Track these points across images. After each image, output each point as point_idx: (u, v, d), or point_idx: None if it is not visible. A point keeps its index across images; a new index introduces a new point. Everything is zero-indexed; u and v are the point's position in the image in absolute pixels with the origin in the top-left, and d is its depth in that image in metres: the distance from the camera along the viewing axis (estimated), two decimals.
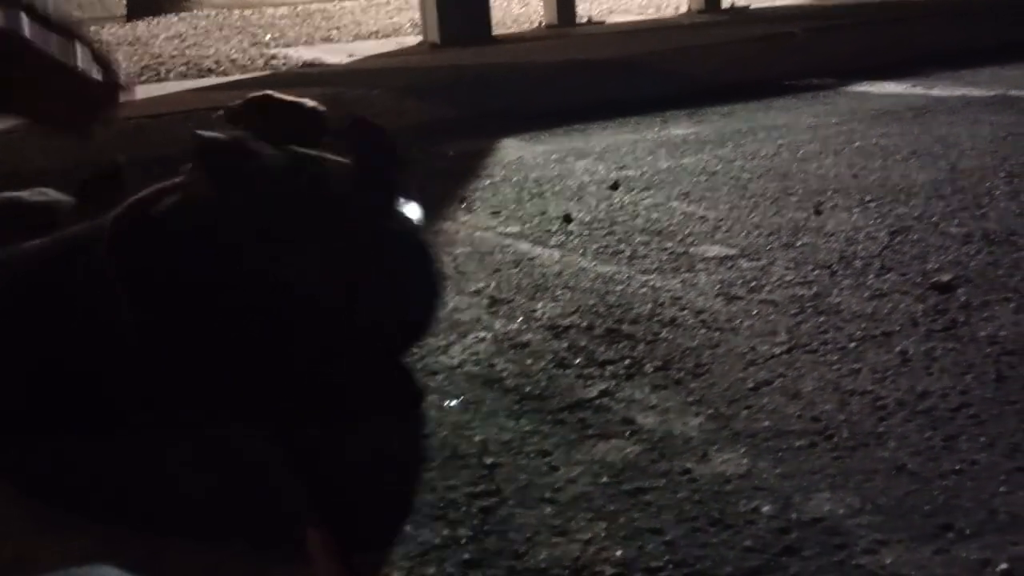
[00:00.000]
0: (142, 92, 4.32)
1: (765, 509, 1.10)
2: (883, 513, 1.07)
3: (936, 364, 1.44)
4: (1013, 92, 3.62)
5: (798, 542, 1.03)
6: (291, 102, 1.15)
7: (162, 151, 3.41)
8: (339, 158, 1.12)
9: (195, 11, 9.58)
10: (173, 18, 9.06)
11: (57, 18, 1.32)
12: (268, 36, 7.05)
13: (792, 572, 0.99)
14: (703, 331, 1.64)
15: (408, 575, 1.02)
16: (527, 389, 1.46)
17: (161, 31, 8.17)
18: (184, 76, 4.94)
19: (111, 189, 1.11)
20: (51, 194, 1.22)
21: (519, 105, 4.08)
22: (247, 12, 9.32)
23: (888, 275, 1.84)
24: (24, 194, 1.20)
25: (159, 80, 4.85)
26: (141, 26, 8.65)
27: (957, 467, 1.16)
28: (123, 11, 10.47)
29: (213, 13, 9.26)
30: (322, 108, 1.18)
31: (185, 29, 8.21)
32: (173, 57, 5.81)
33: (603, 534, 1.07)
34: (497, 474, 1.21)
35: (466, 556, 1.05)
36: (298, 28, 7.61)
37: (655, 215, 2.36)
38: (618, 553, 1.03)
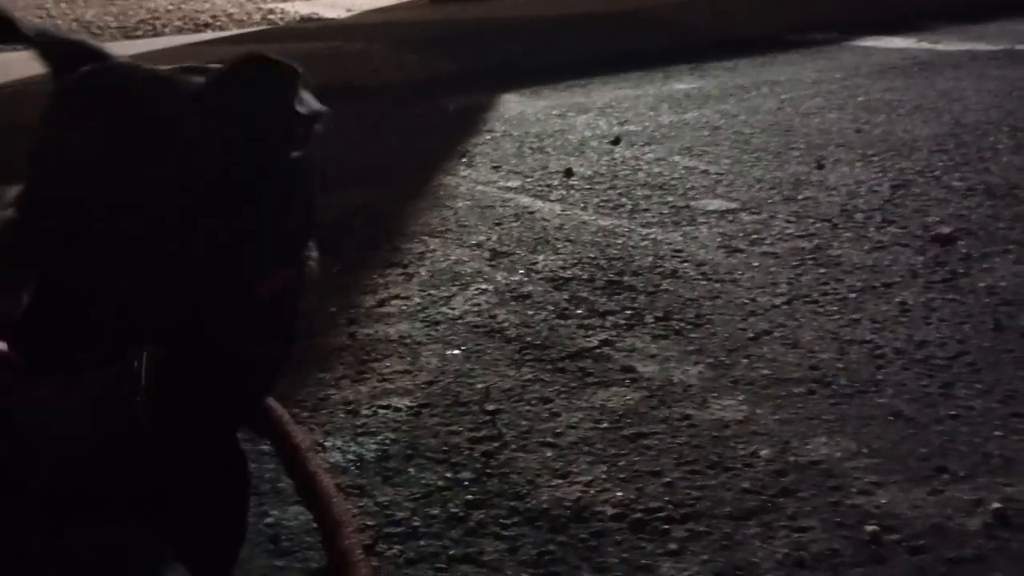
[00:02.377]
0: (140, 46, 4.30)
1: (763, 453, 1.11)
2: (879, 456, 1.09)
3: (935, 314, 1.45)
4: (1020, 46, 3.59)
5: (795, 484, 1.05)
6: None
7: None
8: None
9: None
10: None
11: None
12: None
13: (789, 512, 1.00)
14: (704, 283, 1.64)
15: (412, 515, 1.04)
16: (528, 339, 1.47)
17: None
18: (180, 31, 4.90)
19: None
20: None
21: (519, 60, 4.05)
22: None
23: (889, 228, 1.84)
24: None
25: (155, 35, 4.81)
26: None
27: (953, 413, 1.17)
28: None
29: None
30: None
31: None
32: (169, 11, 5.76)
33: (603, 476, 1.09)
34: (499, 420, 1.23)
35: (469, 497, 1.06)
36: None
37: (656, 170, 2.36)
38: (618, 494, 1.05)
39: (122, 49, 4.30)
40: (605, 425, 1.20)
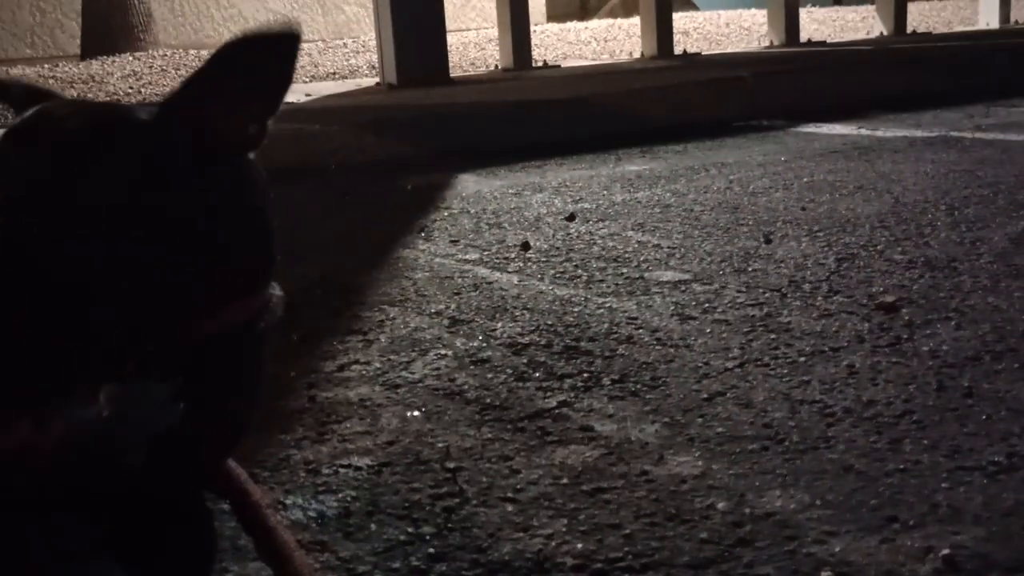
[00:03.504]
0: None
1: (720, 505, 1.13)
2: (832, 507, 1.12)
3: (881, 376, 1.50)
4: (954, 133, 3.77)
5: (751, 534, 1.07)
6: None
7: None
8: None
9: (150, 50, 9.57)
10: (128, 57, 9.05)
11: None
12: None
13: (746, 561, 1.02)
14: (658, 348, 1.68)
15: (374, 569, 1.04)
16: (488, 400, 1.48)
17: (116, 70, 8.16)
18: None
19: None
20: None
21: (476, 142, 4.15)
22: (203, 52, 9.33)
23: (835, 297, 1.90)
24: None
25: None
26: (95, 65, 8.62)
27: (901, 466, 1.21)
28: (77, 49, 10.44)
29: (168, 53, 9.26)
30: None
31: (140, 68, 8.20)
32: (128, 95, 5.80)
33: (564, 529, 1.10)
34: (459, 477, 1.24)
35: (430, 551, 1.07)
36: None
37: (611, 243, 2.42)
38: (578, 546, 1.06)
39: None
40: (565, 481, 1.22)
